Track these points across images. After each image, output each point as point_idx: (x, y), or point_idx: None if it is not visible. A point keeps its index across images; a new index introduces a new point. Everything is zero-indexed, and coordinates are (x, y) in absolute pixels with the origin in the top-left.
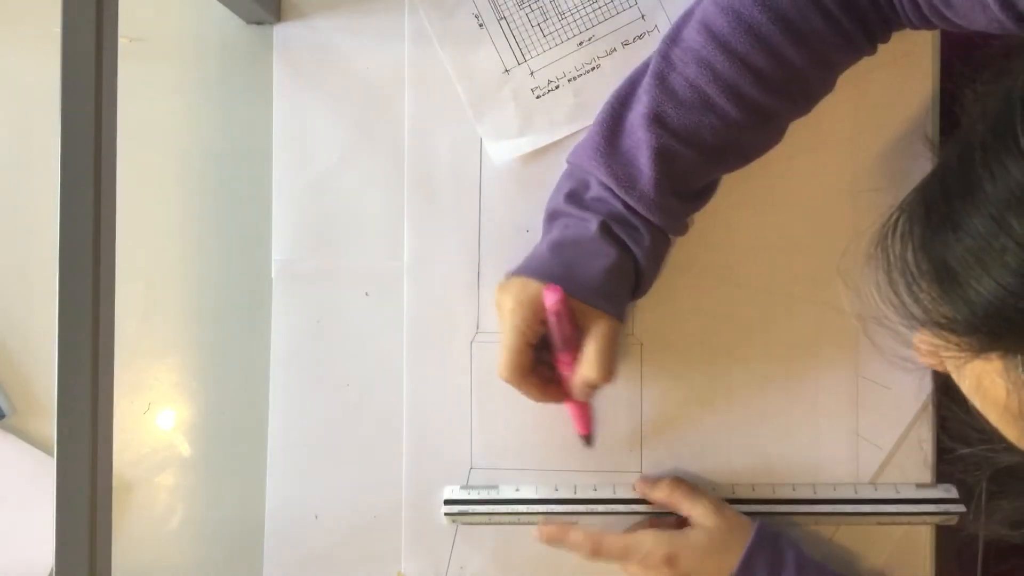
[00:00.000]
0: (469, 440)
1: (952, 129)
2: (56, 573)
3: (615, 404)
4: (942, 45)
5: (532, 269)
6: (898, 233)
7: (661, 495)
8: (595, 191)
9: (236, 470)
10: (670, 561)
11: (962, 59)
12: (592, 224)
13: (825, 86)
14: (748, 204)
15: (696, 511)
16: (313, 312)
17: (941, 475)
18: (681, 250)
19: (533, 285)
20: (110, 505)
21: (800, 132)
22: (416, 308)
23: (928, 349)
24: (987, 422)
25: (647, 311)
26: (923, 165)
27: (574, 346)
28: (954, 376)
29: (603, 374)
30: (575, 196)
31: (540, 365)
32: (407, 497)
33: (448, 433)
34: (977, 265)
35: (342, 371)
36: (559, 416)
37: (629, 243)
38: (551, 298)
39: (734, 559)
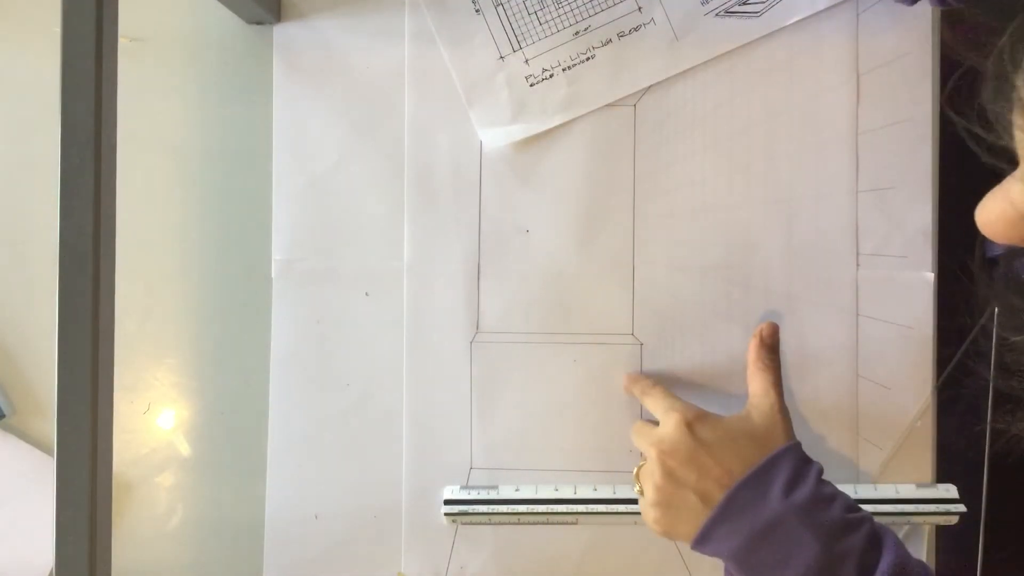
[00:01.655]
0: (469, 440)
1: (951, 128)
2: (56, 573)
3: (615, 404)
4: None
5: None
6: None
7: (763, 366)
8: None
9: (236, 470)
10: (690, 425)
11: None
12: None
13: None
14: (748, 204)
15: (761, 401)
16: (313, 312)
17: (941, 475)
18: (681, 250)
19: None
20: (110, 505)
21: (800, 132)
22: (416, 308)
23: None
24: None
25: (647, 311)
26: (923, 164)
27: None
28: None
29: None
30: None
31: None
32: (407, 497)
33: (448, 433)
34: None
35: (342, 371)
36: (559, 416)
37: None
38: None
39: (758, 457)
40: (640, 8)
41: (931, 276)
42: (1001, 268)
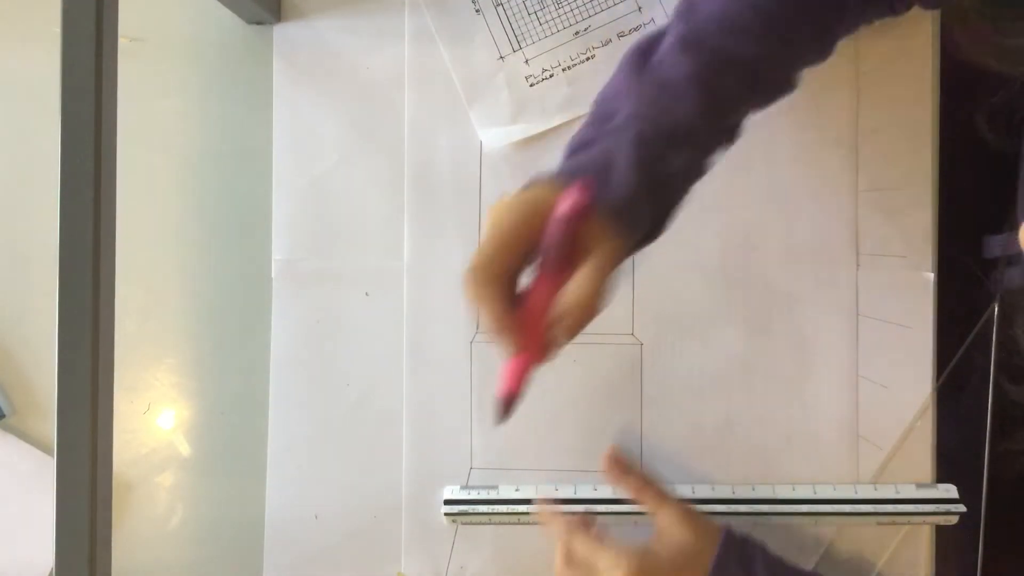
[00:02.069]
0: (469, 440)
1: (952, 131)
2: (56, 573)
3: (615, 404)
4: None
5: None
6: None
7: (630, 489)
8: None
9: (236, 470)
10: None
11: (960, 77)
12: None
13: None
14: (748, 204)
15: (662, 518)
16: (313, 312)
17: (941, 475)
18: (682, 250)
19: (547, 187)
20: (110, 505)
21: (801, 131)
22: (416, 308)
23: None
24: None
25: (647, 311)
26: (923, 164)
27: (567, 267)
28: None
29: (596, 298)
30: (602, 124)
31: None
32: (407, 497)
33: (448, 433)
34: None
35: (342, 371)
36: (559, 416)
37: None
38: (571, 200)
39: (702, 572)
40: (640, 8)
41: (931, 276)
42: (1019, 268)
